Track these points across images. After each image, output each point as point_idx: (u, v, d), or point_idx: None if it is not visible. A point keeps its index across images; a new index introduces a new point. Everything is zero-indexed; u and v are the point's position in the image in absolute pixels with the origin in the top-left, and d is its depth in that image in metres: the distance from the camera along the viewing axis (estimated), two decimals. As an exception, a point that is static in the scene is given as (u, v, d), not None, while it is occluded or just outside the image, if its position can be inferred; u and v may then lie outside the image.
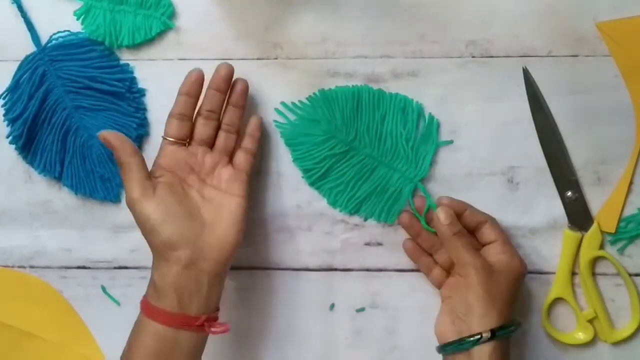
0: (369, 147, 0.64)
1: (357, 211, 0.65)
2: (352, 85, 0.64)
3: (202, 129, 0.62)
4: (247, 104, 0.65)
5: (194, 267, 0.58)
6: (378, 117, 0.64)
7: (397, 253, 0.65)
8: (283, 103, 0.65)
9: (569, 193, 0.64)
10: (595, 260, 0.64)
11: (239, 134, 0.63)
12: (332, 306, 0.67)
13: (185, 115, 0.61)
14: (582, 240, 0.64)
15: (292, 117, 0.65)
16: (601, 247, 0.64)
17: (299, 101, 0.65)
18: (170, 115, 0.62)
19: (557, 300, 0.65)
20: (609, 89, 0.63)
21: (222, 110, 0.63)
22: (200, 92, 0.62)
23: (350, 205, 0.65)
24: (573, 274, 0.64)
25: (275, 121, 0.65)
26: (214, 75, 0.62)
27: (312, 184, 0.65)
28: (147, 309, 0.58)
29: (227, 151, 0.63)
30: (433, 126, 0.64)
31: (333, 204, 0.66)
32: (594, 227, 0.63)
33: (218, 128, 0.63)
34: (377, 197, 0.65)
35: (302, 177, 0.65)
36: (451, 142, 0.64)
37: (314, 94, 0.64)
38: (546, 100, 0.63)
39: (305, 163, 0.65)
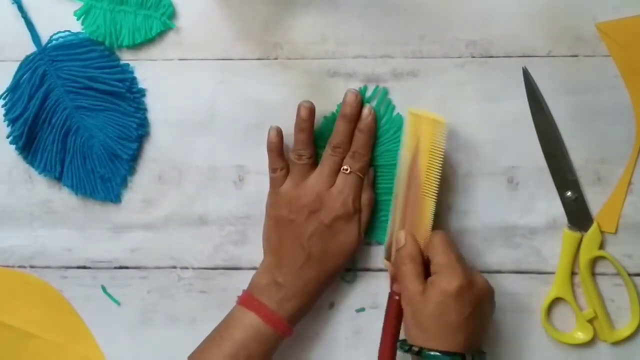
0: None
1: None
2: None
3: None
4: (249, 103, 0.65)
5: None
6: None
7: (397, 253, 0.66)
8: None
9: (569, 193, 0.64)
10: (595, 260, 0.64)
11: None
12: (331, 306, 0.67)
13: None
14: (582, 240, 0.64)
15: None
16: (601, 247, 0.64)
17: None
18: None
19: (557, 300, 0.65)
20: (609, 89, 0.63)
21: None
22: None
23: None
24: (573, 274, 0.64)
25: None
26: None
27: None
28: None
29: None
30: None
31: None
32: (593, 227, 0.63)
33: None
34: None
35: None
36: None
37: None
38: (546, 100, 0.63)
39: None
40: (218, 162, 0.66)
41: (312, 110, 0.62)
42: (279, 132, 0.63)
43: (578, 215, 0.64)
